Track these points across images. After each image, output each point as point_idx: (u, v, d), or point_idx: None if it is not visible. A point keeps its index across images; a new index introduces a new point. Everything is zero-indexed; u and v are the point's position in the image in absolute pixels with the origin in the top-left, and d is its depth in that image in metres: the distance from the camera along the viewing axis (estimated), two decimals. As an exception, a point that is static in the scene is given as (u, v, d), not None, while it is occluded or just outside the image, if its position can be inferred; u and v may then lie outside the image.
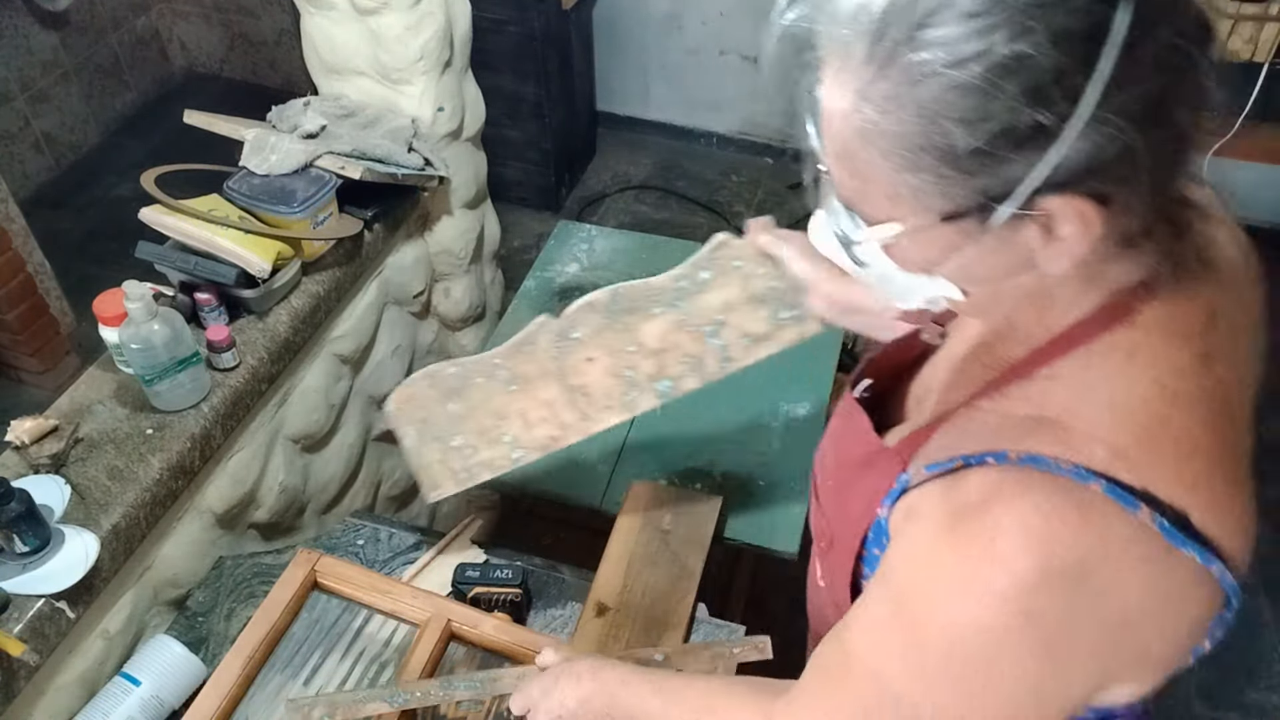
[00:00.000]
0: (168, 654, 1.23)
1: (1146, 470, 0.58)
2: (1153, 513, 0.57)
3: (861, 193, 0.60)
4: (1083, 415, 0.60)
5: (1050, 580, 0.56)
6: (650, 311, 1.16)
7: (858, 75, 0.55)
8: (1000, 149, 0.52)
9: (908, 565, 0.66)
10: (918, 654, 0.64)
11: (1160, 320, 0.61)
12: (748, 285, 1.11)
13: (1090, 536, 0.56)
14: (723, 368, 1.16)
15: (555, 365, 1.20)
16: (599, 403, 1.20)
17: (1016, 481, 0.59)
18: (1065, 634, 0.58)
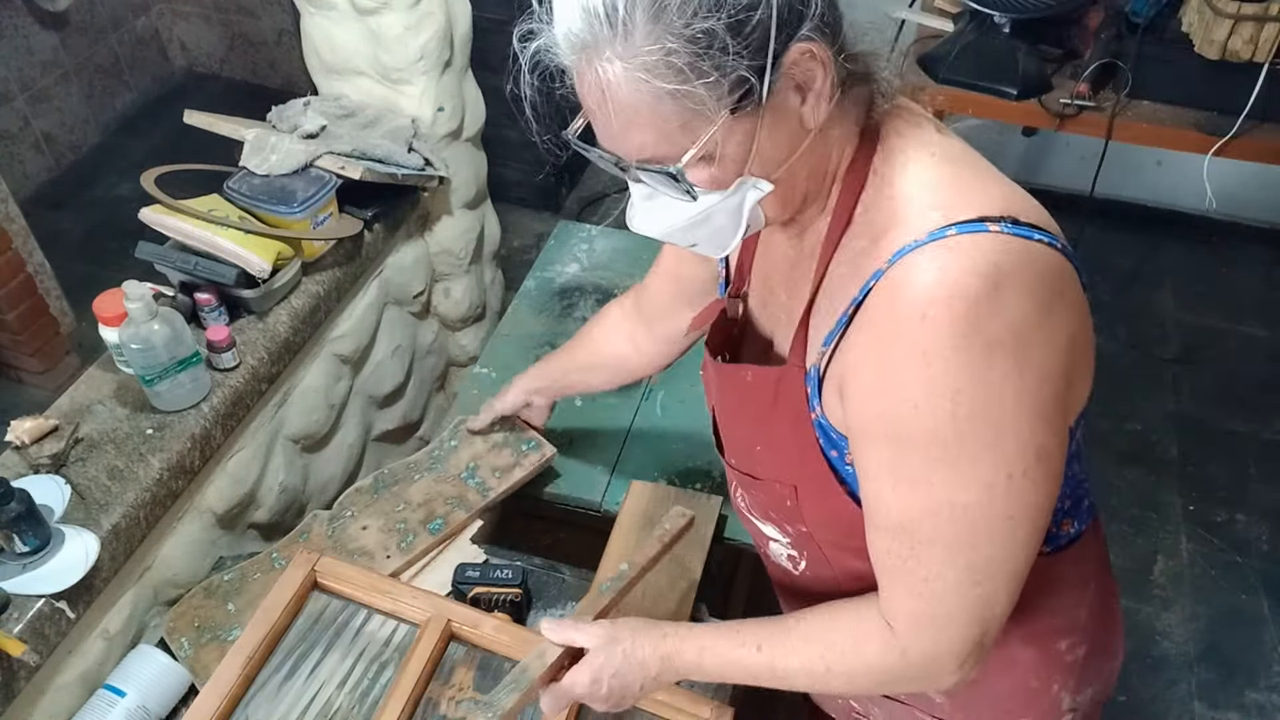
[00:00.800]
0: (152, 664, 1.23)
1: (969, 204, 0.70)
2: (995, 225, 0.69)
3: (659, 140, 0.70)
4: (902, 207, 0.73)
5: (971, 306, 0.66)
6: (412, 479, 1.45)
7: (613, 46, 0.66)
8: (742, 15, 0.65)
9: (875, 408, 0.73)
10: (938, 461, 0.70)
11: (897, 124, 0.77)
12: (489, 439, 1.48)
13: (977, 258, 0.67)
14: (484, 497, 1.41)
15: (332, 541, 1.38)
16: (378, 556, 1.35)
17: (898, 273, 0.70)
18: (1018, 333, 0.68)
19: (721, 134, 0.69)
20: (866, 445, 0.76)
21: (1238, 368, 2.71)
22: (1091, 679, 0.98)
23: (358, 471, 1.92)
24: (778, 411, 0.84)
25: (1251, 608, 2.17)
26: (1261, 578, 2.22)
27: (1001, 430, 0.69)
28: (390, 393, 1.98)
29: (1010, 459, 0.69)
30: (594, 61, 0.68)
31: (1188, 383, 2.67)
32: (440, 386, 2.27)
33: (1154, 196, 3.11)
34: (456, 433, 1.51)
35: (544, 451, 1.45)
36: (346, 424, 1.84)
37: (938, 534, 0.73)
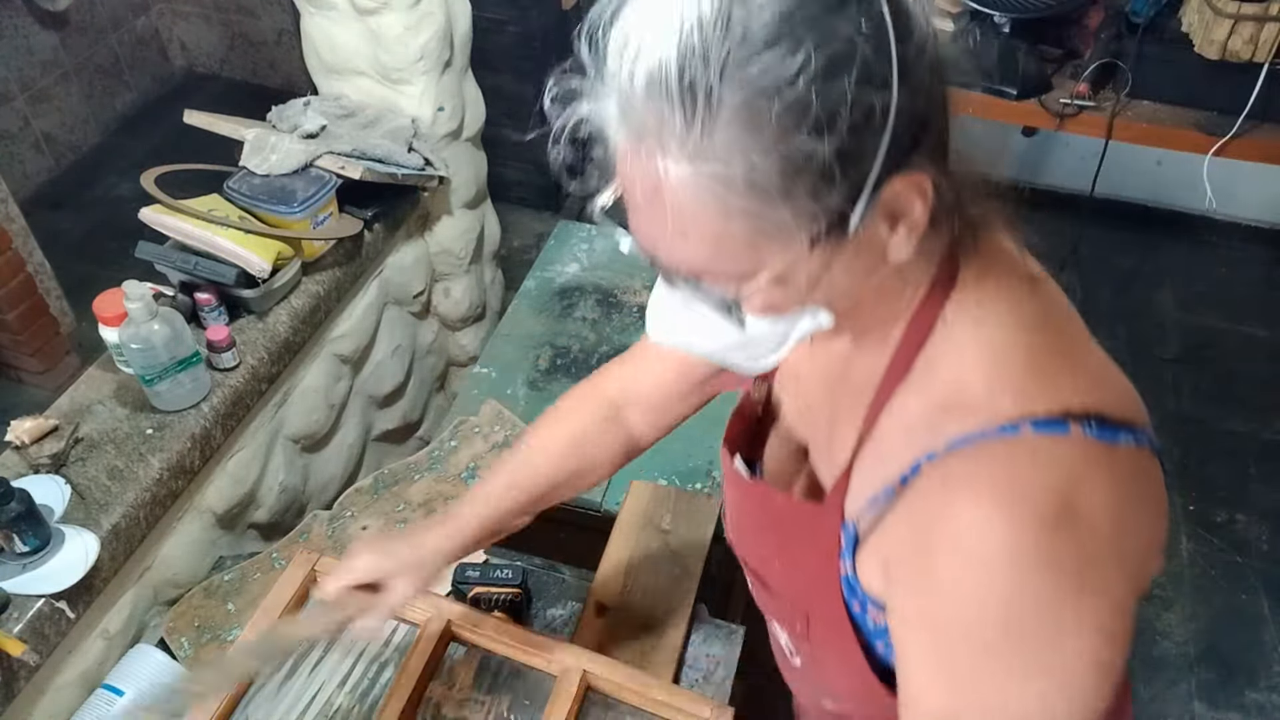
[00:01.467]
0: (150, 663, 1.23)
1: (1050, 394, 0.61)
2: (1079, 425, 0.59)
3: (715, 257, 0.58)
4: (971, 380, 0.63)
5: (1043, 528, 0.58)
6: (412, 479, 1.45)
7: (685, 144, 0.53)
8: (853, 142, 0.52)
9: (924, 603, 0.65)
10: (991, 667, 0.62)
11: (981, 268, 0.65)
12: (489, 439, 1.50)
13: (1053, 471, 0.59)
14: None
15: (332, 541, 1.38)
16: None
17: (959, 468, 0.61)
18: (1087, 555, 0.59)
19: (792, 261, 0.58)
20: (907, 631, 0.68)
21: (1238, 368, 2.71)
22: None
23: (358, 471, 1.92)
24: (804, 543, 0.76)
25: (1251, 608, 2.17)
26: (1261, 578, 2.22)
27: (1061, 649, 0.61)
28: (390, 393, 1.98)
29: (1067, 671, 0.62)
30: (654, 153, 0.54)
31: (1188, 383, 2.67)
32: (440, 386, 2.27)
33: (1154, 196, 3.11)
34: (456, 432, 1.51)
35: None
36: (346, 424, 1.84)
37: None
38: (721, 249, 0.57)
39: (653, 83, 0.52)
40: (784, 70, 0.50)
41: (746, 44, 0.50)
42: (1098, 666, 0.62)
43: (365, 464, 1.95)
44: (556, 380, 1.68)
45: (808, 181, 0.53)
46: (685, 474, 1.51)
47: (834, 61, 0.51)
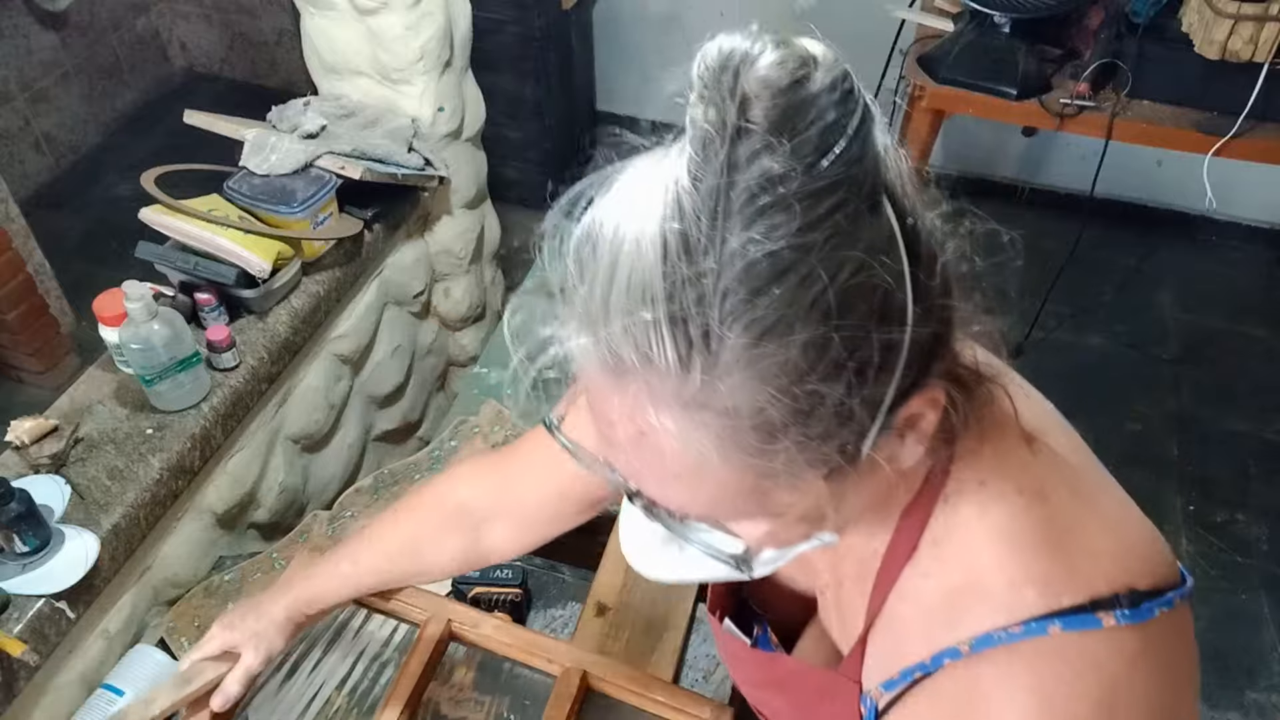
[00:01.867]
0: (150, 663, 1.23)
1: (1073, 580, 0.56)
2: (1110, 614, 0.55)
3: (714, 502, 0.52)
4: (985, 567, 0.58)
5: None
6: (412, 479, 1.43)
7: (678, 386, 0.45)
8: (870, 378, 0.47)
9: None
10: None
11: (978, 437, 0.60)
12: (489, 439, 1.48)
13: (1087, 676, 0.55)
14: None
15: (332, 541, 1.37)
16: None
17: (987, 675, 0.56)
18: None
19: (800, 501, 0.52)
20: None
21: (1238, 368, 2.71)
22: None
23: (358, 471, 1.92)
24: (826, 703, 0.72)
25: (1251, 608, 2.17)
26: (1261, 578, 2.22)
27: None
28: (390, 393, 1.98)
29: None
30: (641, 397, 0.47)
31: (1188, 383, 2.67)
32: (440, 386, 2.27)
33: (1154, 196, 3.11)
34: (457, 432, 1.51)
35: None
36: (346, 424, 1.84)
37: None
38: (722, 497, 0.51)
39: (636, 320, 0.44)
40: (795, 308, 0.43)
41: (750, 277, 0.43)
42: None
43: (365, 464, 1.95)
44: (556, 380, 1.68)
45: (820, 423, 0.47)
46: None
47: (849, 295, 0.45)
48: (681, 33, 3.28)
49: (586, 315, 0.46)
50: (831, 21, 3.51)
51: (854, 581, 0.68)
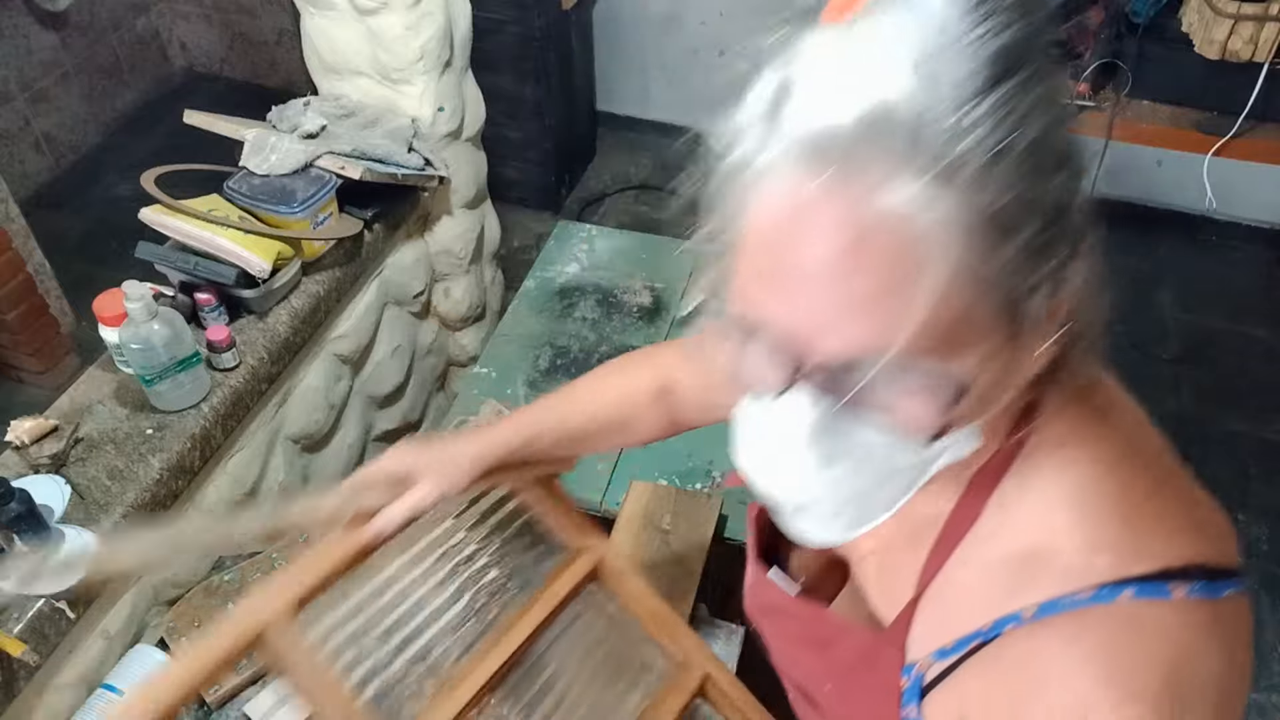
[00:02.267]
0: (150, 663, 1.23)
1: (1148, 550, 0.55)
2: (1181, 586, 0.54)
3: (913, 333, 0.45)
4: (1059, 532, 0.56)
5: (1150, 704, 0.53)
6: None
7: (918, 159, 0.43)
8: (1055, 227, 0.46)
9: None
10: None
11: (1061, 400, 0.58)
12: None
13: (1154, 644, 0.53)
14: None
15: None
16: None
17: (1053, 641, 0.54)
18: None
19: (983, 361, 0.48)
20: None
21: (1238, 368, 2.71)
22: None
23: (358, 471, 1.92)
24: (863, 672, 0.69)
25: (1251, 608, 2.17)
26: (1262, 578, 2.22)
27: None
28: (390, 393, 1.98)
29: None
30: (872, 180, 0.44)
31: (1188, 383, 2.67)
32: (440, 386, 2.27)
33: (1154, 196, 3.11)
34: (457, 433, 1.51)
35: None
36: (346, 424, 1.84)
37: None
38: (923, 326, 0.45)
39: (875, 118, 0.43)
40: (1025, 100, 0.45)
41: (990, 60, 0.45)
42: None
43: (365, 464, 1.95)
44: (556, 380, 1.68)
45: (1031, 245, 0.45)
46: (685, 474, 1.51)
47: (1055, 121, 0.47)
48: (681, 33, 3.28)
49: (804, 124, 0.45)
50: (831, 21, 3.47)
51: (906, 546, 0.66)
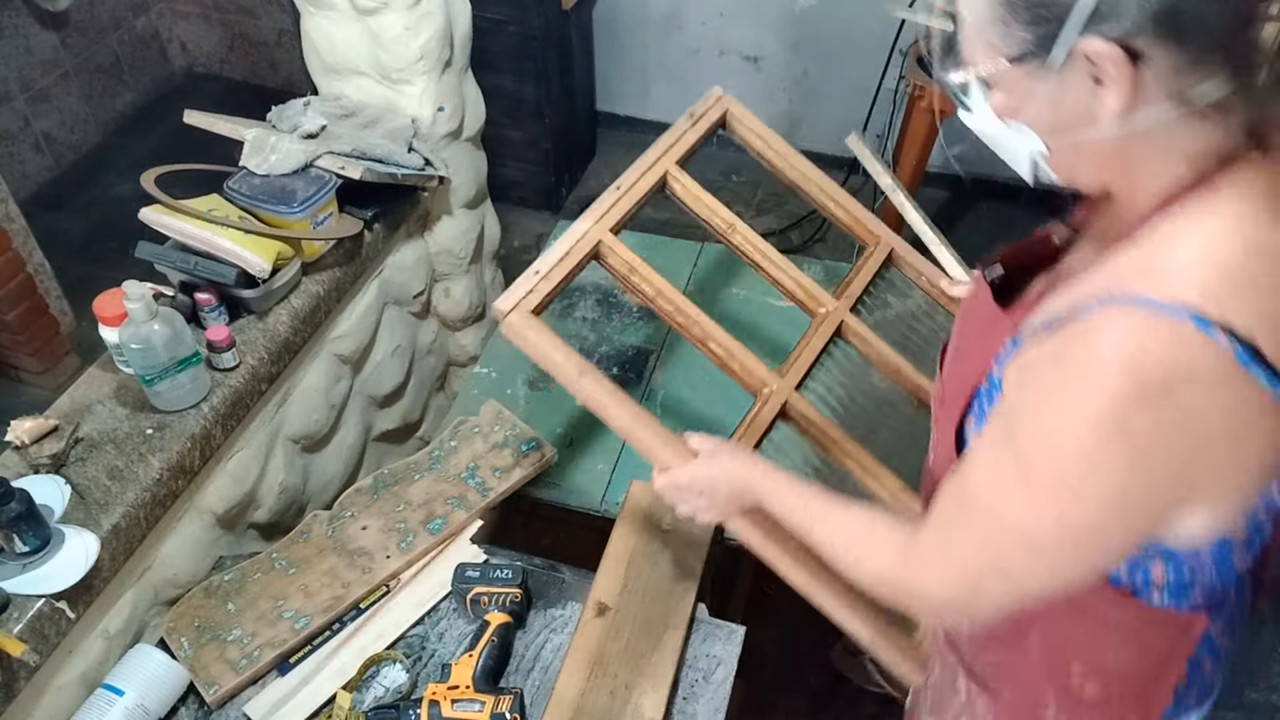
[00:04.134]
0: (150, 663, 1.23)
1: (1227, 308, 0.66)
2: (1230, 340, 0.65)
3: (972, 36, 0.75)
4: (1177, 262, 0.69)
5: (1142, 397, 0.66)
6: (412, 479, 1.45)
7: None
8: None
9: (1020, 402, 0.76)
10: (1024, 475, 0.74)
11: (1243, 186, 0.70)
12: (489, 439, 1.47)
13: (1177, 359, 0.66)
14: (484, 497, 1.40)
15: (332, 541, 1.39)
16: (378, 556, 1.35)
17: (1118, 313, 0.68)
18: (1153, 447, 0.68)
19: (1002, 75, 0.74)
20: (996, 418, 0.81)
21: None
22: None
23: (358, 471, 1.92)
24: (980, 342, 0.89)
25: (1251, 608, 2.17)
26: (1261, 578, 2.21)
27: (1079, 493, 0.71)
28: (390, 393, 1.98)
29: (1070, 516, 0.73)
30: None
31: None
32: (440, 386, 2.27)
33: (1154, 196, 3.11)
34: (456, 432, 1.51)
35: (544, 452, 1.46)
36: (346, 424, 1.84)
37: (982, 516, 0.80)
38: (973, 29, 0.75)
39: None
40: None
41: None
42: (1096, 531, 0.73)
43: (365, 464, 1.95)
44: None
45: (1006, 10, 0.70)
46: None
47: None
48: (681, 33, 3.28)
49: None
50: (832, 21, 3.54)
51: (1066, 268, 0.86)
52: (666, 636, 1.25)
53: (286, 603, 1.31)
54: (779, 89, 3.31)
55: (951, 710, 1.10)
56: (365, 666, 1.26)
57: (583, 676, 1.20)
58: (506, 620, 1.26)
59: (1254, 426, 0.69)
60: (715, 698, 1.22)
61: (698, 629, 1.28)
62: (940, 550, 0.85)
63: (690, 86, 3.44)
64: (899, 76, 2.87)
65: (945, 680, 1.10)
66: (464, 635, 1.30)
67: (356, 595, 1.31)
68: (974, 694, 1.05)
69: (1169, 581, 0.85)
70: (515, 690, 1.19)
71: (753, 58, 3.26)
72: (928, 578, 0.86)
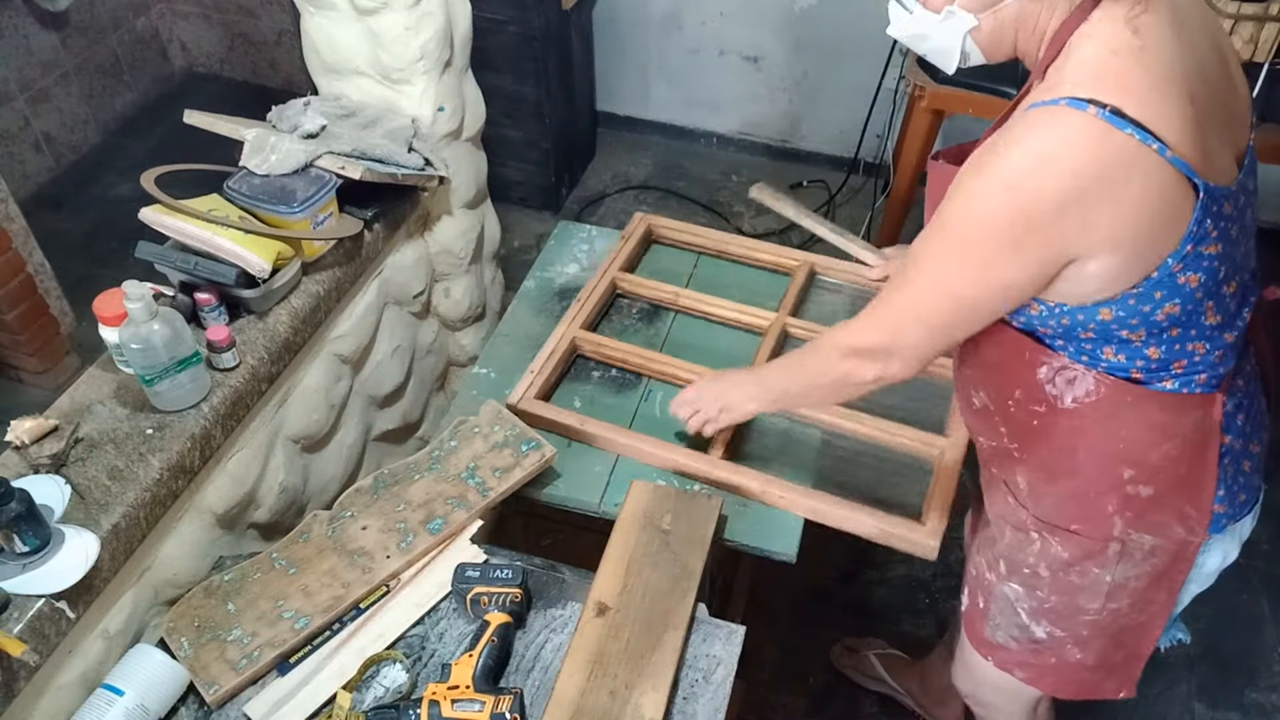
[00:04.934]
0: (150, 663, 1.23)
1: (1094, 91, 0.90)
2: (1097, 108, 0.88)
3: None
4: (1062, 75, 0.93)
5: (1031, 163, 0.91)
6: (412, 479, 1.46)
7: None
8: None
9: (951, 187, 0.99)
10: (932, 230, 1.01)
11: (1106, 13, 0.94)
12: (489, 439, 1.49)
13: (1055, 131, 0.90)
14: (484, 497, 1.41)
15: (332, 541, 1.39)
16: (378, 556, 1.36)
17: (1016, 117, 0.95)
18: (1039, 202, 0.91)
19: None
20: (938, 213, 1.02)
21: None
22: (1152, 526, 1.12)
23: (358, 471, 1.92)
24: None
25: (1251, 608, 2.17)
26: (1261, 578, 2.22)
27: (973, 244, 0.96)
28: (390, 393, 1.98)
29: (969, 265, 0.98)
30: None
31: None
32: (440, 386, 2.28)
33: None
34: (456, 432, 1.51)
35: (544, 452, 1.45)
36: (346, 424, 1.84)
37: (914, 275, 1.05)
38: None
39: None
40: None
41: None
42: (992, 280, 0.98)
43: (365, 464, 1.95)
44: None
45: None
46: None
47: None
48: (681, 33, 3.28)
49: None
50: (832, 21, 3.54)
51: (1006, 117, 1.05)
52: (666, 636, 1.25)
53: (286, 603, 1.31)
54: (779, 89, 3.31)
55: (1028, 565, 1.23)
56: (365, 666, 1.26)
57: (583, 676, 1.20)
58: (506, 620, 1.26)
59: (1128, 175, 0.88)
60: (715, 698, 1.22)
61: (698, 629, 1.28)
62: (872, 309, 1.13)
63: (690, 86, 3.44)
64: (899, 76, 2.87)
65: (1017, 541, 1.24)
66: (464, 635, 1.30)
67: (356, 595, 1.31)
68: (1048, 539, 1.19)
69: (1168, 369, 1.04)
70: (515, 690, 1.19)
71: (753, 58, 3.26)
72: (855, 333, 1.15)
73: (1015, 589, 1.25)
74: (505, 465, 1.44)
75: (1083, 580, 1.18)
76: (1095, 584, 1.17)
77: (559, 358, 1.64)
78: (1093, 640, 1.23)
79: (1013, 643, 1.30)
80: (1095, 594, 1.18)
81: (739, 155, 3.52)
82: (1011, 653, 1.31)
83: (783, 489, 1.43)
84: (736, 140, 3.51)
